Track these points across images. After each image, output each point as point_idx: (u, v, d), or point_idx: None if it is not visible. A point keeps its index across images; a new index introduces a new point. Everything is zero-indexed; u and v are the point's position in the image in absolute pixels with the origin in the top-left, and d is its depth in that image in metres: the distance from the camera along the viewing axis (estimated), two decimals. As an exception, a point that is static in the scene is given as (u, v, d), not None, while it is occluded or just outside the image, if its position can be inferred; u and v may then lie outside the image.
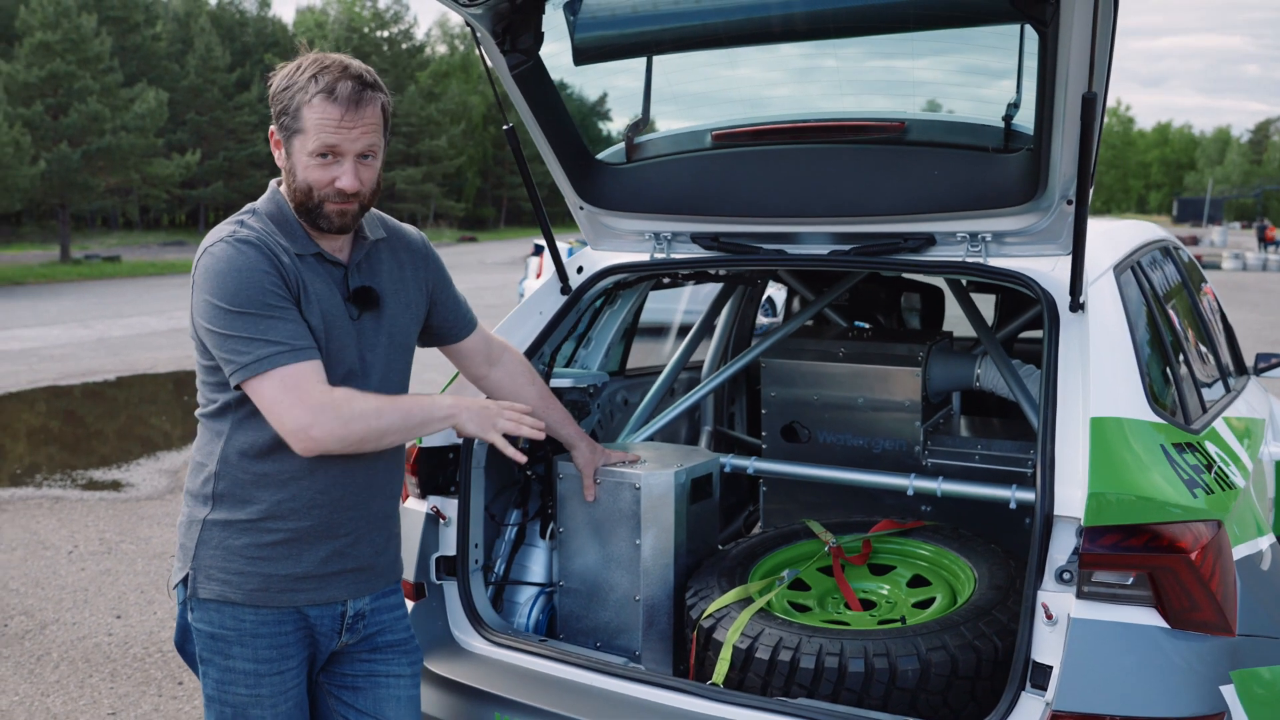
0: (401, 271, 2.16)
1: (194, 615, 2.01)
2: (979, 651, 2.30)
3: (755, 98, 2.90)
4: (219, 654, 1.99)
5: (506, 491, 3.05)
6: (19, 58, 35.23)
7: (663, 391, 3.58)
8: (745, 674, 2.39)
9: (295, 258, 1.97)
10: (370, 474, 2.05)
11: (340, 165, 1.94)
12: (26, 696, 4.01)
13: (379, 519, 2.10)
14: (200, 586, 1.99)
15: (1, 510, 6.59)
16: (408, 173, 55.93)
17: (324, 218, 1.97)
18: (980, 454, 3.25)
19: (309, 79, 1.92)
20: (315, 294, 1.97)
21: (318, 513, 1.99)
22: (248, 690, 1.99)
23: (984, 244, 2.56)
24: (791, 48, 2.74)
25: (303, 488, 1.97)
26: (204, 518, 2.00)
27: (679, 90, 2.98)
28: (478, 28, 2.61)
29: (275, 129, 1.99)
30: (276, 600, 1.99)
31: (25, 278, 28.55)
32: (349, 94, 1.91)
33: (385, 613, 2.17)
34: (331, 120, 1.90)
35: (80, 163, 34.21)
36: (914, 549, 2.84)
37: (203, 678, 2.04)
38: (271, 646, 2.00)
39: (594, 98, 3.15)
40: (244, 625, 1.98)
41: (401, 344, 2.13)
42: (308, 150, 1.93)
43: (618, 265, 3.01)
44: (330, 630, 2.07)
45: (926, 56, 2.60)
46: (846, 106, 2.76)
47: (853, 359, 3.36)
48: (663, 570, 2.75)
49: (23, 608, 4.93)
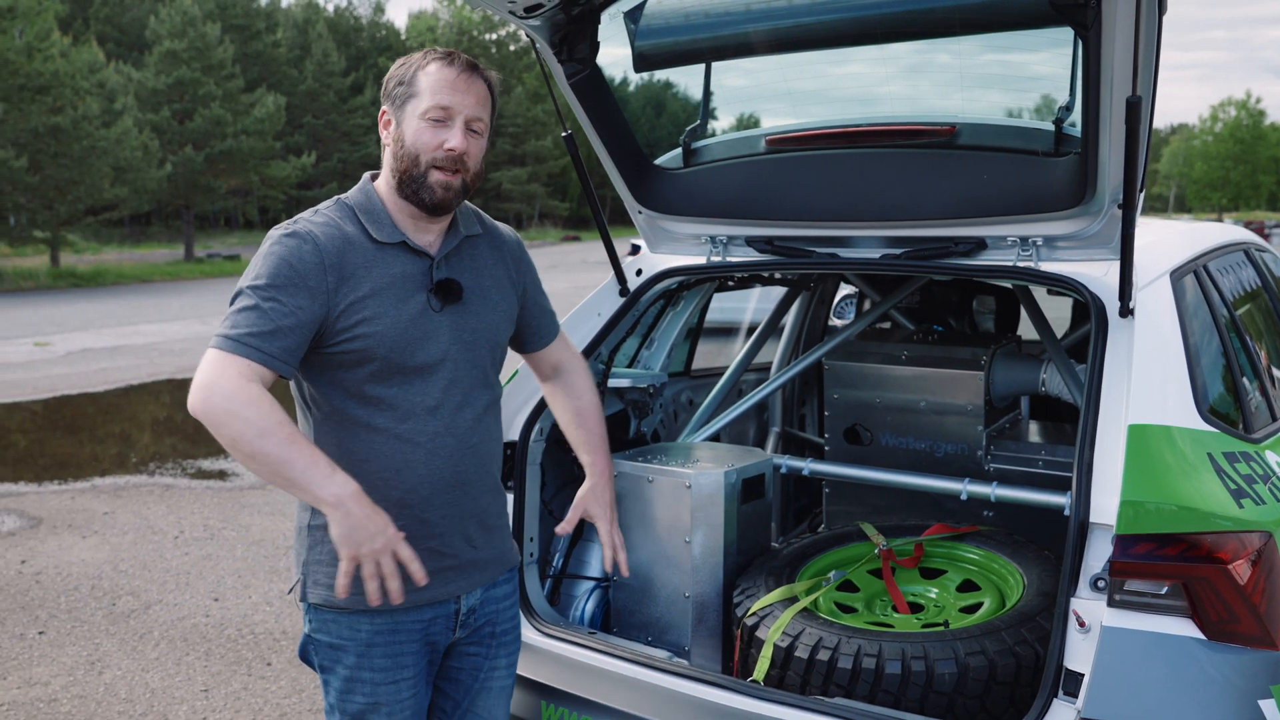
0: (495, 269, 2.14)
1: (311, 625, 2.02)
2: (1019, 657, 2.29)
3: (808, 102, 2.93)
4: (338, 663, 2.00)
5: (567, 488, 3.13)
6: (149, 66, 37.01)
7: (725, 391, 3.62)
8: (785, 672, 2.43)
9: (377, 244, 1.96)
10: (458, 470, 2.02)
11: (450, 127, 1.95)
12: (128, 671, 4.27)
13: (472, 513, 2.06)
14: (310, 591, 2.01)
15: (117, 496, 6.99)
16: (513, 173, 56.88)
17: (428, 189, 1.95)
18: (1044, 460, 3.20)
19: (425, 53, 2.01)
20: (378, 281, 1.93)
21: (408, 512, 1.96)
22: (365, 699, 1.99)
23: (1035, 248, 2.54)
24: (843, 53, 2.76)
25: (391, 488, 1.95)
26: (308, 523, 2.01)
27: (735, 95, 3.02)
28: (535, 38, 2.69)
29: (387, 106, 2.01)
30: (381, 605, 1.92)
31: (152, 275, 30.04)
32: (464, 61, 1.99)
33: (493, 604, 2.15)
34: (446, 80, 1.95)
35: (204, 165, 35.80)
36: (965, 553, 2.83)
37: (324, 686, 2.04)
38: (386, 656, 1.99)
39: (652, 103, 3.21)
40: (359, 635, 1.98)
41: (488, 340, 2.08)
42: (420, 111, 1.95)
43: (674, 268, 3.06)
44: (445, 629, 2.07)
45: (977, 60, 2.59)
46: (898, 110, 2.76)
47: (915, 362, 3.35)
48: (712, 568, 2.80)
49: (130, 588, 5.23)
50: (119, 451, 8.51)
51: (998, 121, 2.70)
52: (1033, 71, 2.59)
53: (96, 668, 4.30)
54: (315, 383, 1.97)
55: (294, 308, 1.85)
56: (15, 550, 5.83)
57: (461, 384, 2.02)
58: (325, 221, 1.96)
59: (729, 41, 2.87)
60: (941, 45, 2.62)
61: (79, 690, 4.10)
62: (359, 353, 1.92)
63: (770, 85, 2.95)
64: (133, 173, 31.18)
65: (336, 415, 1.96)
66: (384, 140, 2.02)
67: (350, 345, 1.91)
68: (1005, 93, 2.71)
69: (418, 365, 1.96)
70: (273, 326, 1.83)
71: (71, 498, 6.96)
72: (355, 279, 1.92)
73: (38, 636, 4.63)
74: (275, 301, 1.84)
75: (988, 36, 2.54)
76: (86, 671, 4.27)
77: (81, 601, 5.05)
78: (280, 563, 5.60)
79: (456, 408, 2.02)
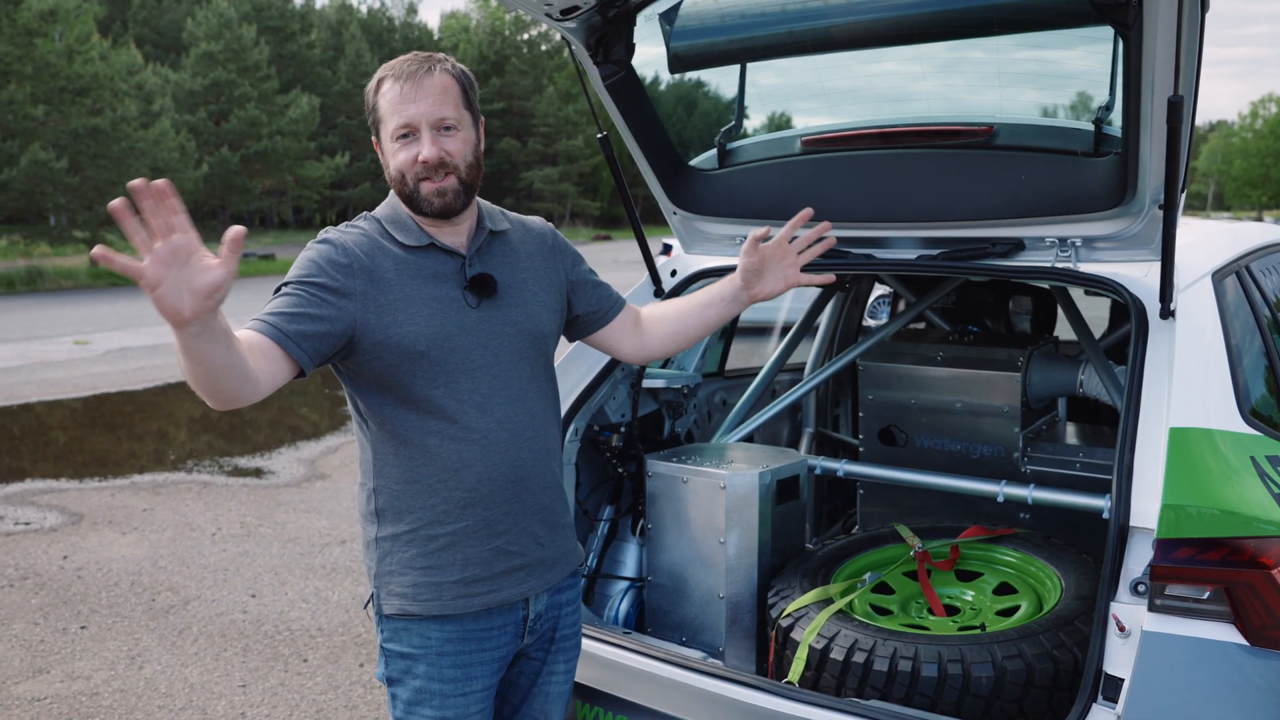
0: (530, 261, 2.12)
1: (384, 636, 2.03)
2: (1057, 661, 2.28)
3: (844, 102, 2.92)
4: (407, 673, 2.00)
5: (601, 488, 3.15)
6: (185, 67, 37.46)
7: (759, 392, 3.62)
8: (820, 674, 2.42)
9: (408, 249, 1.98)
10: (516, 465, 2.00)
11: (418, 140, 1.94)
12: (168, 666, 4.33)
13: (534, 510, 2.05)
14: (384, 603, 2.01)
15: (155, 493, 7.09)
16: (545, 172, 57.03)
17: (423, 200, 1.96)
18: (1082, 462, 3.18)
19: (379, 73, 2.00)
20: (411, 282, 1.95)
21: (471, 512, 1.97)
22: (433, 712, 1.99)
23: (1074, 249, 2.52)
24: (878, 53, 2.75)
25: (451, 489, 1.96)
26: (375, 536, 2.02)
27: (771, 96, 3.02)
28: (571, 40, 2.70)
29: (372, 133, 2.04)
30: (452, 608, 1.97)
31: (188, 275, 30.31)
32: (409, 69, 1.95)
33: (560, 608, 2.15)
34: (396, 97, 1.93)
35: (239, 166, 36.20)
36: (1002, 556, 2.81)
37: (391, 699, 2.04)
38: (456, 666, 1.99)
39: (687, 103, 3.21)
40: (430, 643, 1.98)
41: (531, 332, 2.06)
42: (389, 135, 1.96)
43: (710, 269, 3.06)
44: (514, 637, 2.06)
45: (1015, 60, 2.57)
46: (934, 110, 2.75)
47: (951, 363, 3.33)
48: (747, 569, 2.80)
49: (169, 584, 5.31)
50: (157, 449, 8.63)
51: (1036, 121, 2.69)
52: (1071, 71, 2.57)
53: (137, 662, 4.37)
54: (366, 396, 1.98)
55: (318, 300, 1.87)
56: (57, 546, 5.92)
57: (508, 379, 2.01)
58: (357, 231, 2.00)
59: (764, 42, 2.87)
60: (978, 45, 2.61)
61: (120, 684, 4.16)
62: (398, 353, 1.92)
63: (805, 85, 2.95)
64: (170, 173, 31.50)
65: (390, 425, 1.97)
66: (382, 165, 2.05)
67: (388, 348, 1.91)
68: (1043, 92, 2.69)
69: (460, 363, 1.95)
70: (294, 310, 1.84)
71: (111, 494, 7.07)
72: (386, 281, 1.93)
73: (80, 631, 4.71)
74: (301, 292, 1.87)
75: (1025, 36, 2.53)
76: (127, 666, 4.34)
77: (122, 597, 5.13)
78: (316, 560, 5.66)
79: (506, 402, 2.00)
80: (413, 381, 1.94)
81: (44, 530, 6.23)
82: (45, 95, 27.80)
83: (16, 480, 7.46)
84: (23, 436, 8.93)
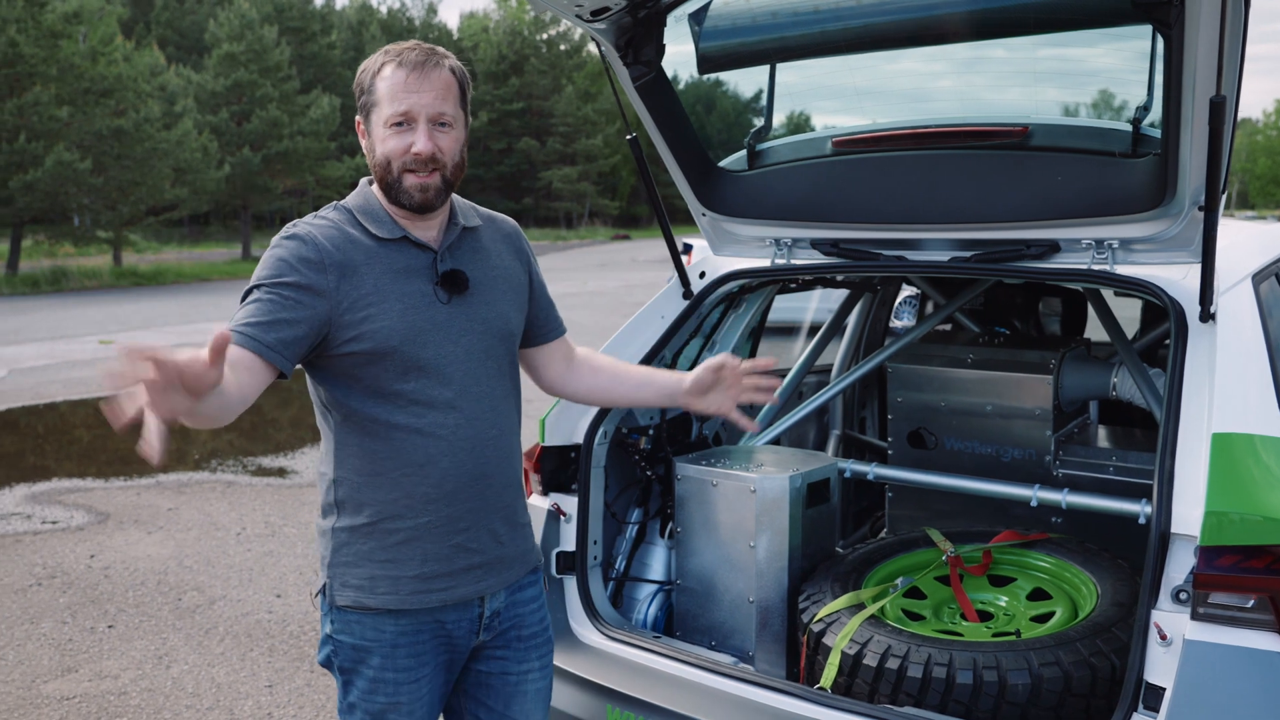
0: (500, 259, 2.12)
1: (334, 626, 2.02)
2: (1095, 669, 2.25)
3: (876, 103, 2.90)
4: (361, 664, 2.00)
5: (629, 490, 3.14)
6: (208, 68, 37.70)
7: (788, 394, 3.60)
8: (853, 680, 2.40)
9: (380, 241, 1.96)
10: (481, 463, 2.01)
11: (413, 130, 1.92)
12: (195, 666, 4.35)
13: (497, 508, 2.05)
14: (337, 594, 2.00)
15: (180, 493, 7.13)
16: (564, 172, 57.11)
17: (404, 192, 1.94)
18: (1115, 466, 3.14)
19: (379, 55, 1.97)
20: (381, 276, 1.93)
21: (434, 507, 1.97)
22: (387, 699, 2.00)
23: (1111, 251, 2.49)
24: (912, 53, 2.72)
25: (414, 484, 1.95)
26: (332, 526, 2.02)
27: (801, 96, 3.00)
28: (601, 41, 2.69)
29: (360, 117, 1.99)
30: (409, 603, 1.98)
31: (211, 275, 30.58)
32: (415, 58, 1.93)
33: (520, 606, 2.14)
34: (400, 84, 1.90)
35: (260, 166, 36.39)
36: (1035, 561, 2.78)
37: (344, 686, 2.04)
38: (410, 655, 2.00)
39: (717, 103, 3.20)
40: (384, 636, 1.99)
41: (499, 330, 2.06)
42: (383, 120, 1.93)
43: (739, 271, 3.05)
44: (469, 632, 2.06)
45: (1051, 59, 2.54)
46: (968, 111, 2.72)
47: (982, 365, 3.31)
48: (777, 573, 2.78)
49: (195, 584, 5.33)
50: (181, 448, 8.67)
51: (1072, 122, 2.65)
52: (1107, 71, 2.54)
53: (164, 662, 4.39)
54: (332, 387, 1.97)
55: (293, 302, 1.85)
56: (84, 545, 5.96)
57: (477, 376, 2.01)
58: (325, 223, 1.96)
59: (795, 43, 2.85)
60: (1012, 44, 2.58)
61: (147, 684, 4.18)
62: (369, 350, 1.91)
63: (836, 86, 2.93)
64: (192, 174, 31.77)
65: (355, 417, 1.96)
66: (364, 148, 2.00)
67: (359, 344, 1.90)
68: (1079, 92, 2.66)
69: (430, 358, 1.95)
70: (271, 318, 1.83)
71: (137, 494, 7.11)
72: (358, 275, 1.92)
73: (107, 630, 4.73)
74: (274, 295, 1.85)
75: (1060, 35, 2.50)
76: (154, 665, 4.35)
77: (148, 596, 5.15)
78: (340, 560, 5.66)
79: (474, 400, 2.00)
80: (381, 376, 1.93)
81: (71, 529, 6.27)
82: (70, 97, 28.03)
83: (43, 479, 7.51)
84: (49, 435, 9.00)
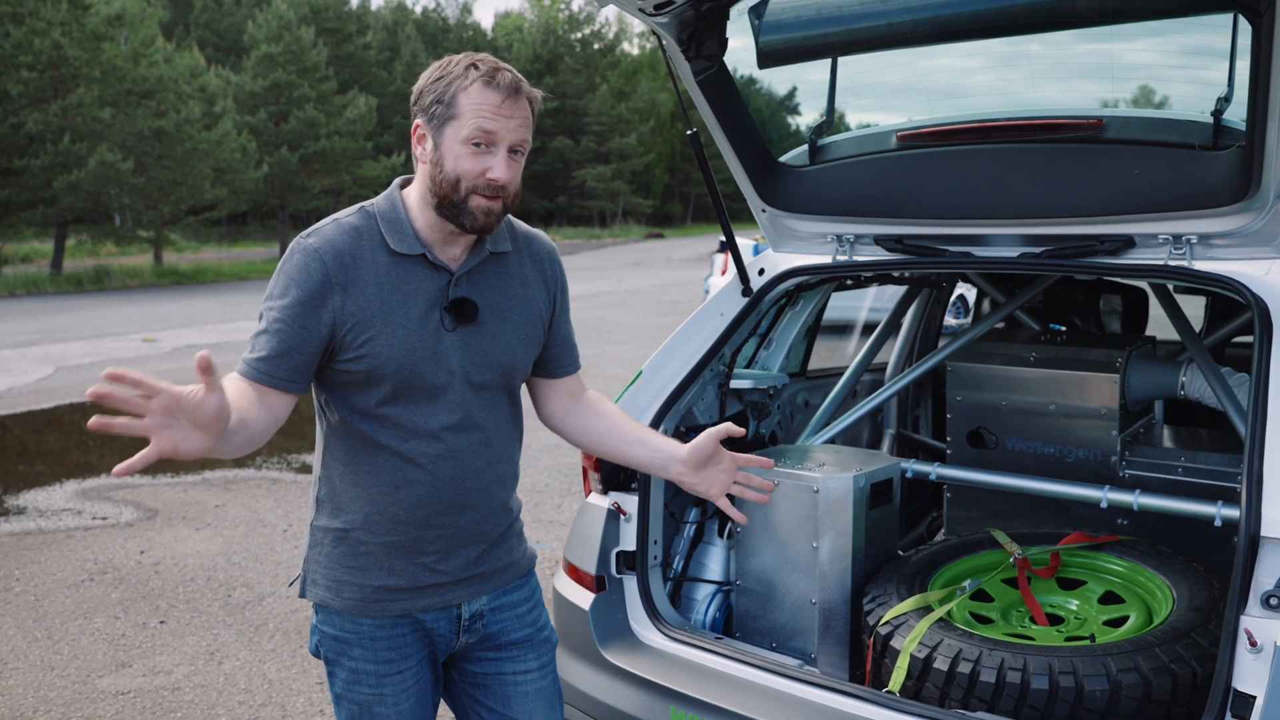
0: (524, 289, 2.05)
1: (318, 617, 2.04)
2: (1175, 676, 2.19)
3: (942, 96, 2.85)
4: (343, 655, 2.01)
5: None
6: (246, 69, 38.07)
7: (844, 393, 3.55)
8: (922, 684, 2.36)
9: (395, 256, 1.91)
10: (459, 495, 1.98)
11: (493, 155, 1.85)
12: (246, 662, 4.37)
13: (472, 536, 2.02)
14: (308, 589, 2.03)
15: (227, 490, 7.18)
16: (598, 170, 57.15)
17: (468, 214, 1.87)
18: (1184, 466, 3.07)
19: (465, 68, 1.87)
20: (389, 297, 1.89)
21: (402, 529, 1.95)
22: (371, 690, 2.00)
23: (1188, 246, 2.43)
24: (981, 44, 2.67)
25: (388, 503, 1.94)
26: (312, 521, 2.02)
27: (863, 90, 2.95)
28: (663, 35, 2.66)
29: (422, 121, 1.89)
30: (373, 610, 1.98)
31: (249, 273, 30.87)
32: (509, 82, 1.87)
33: (506, 611, 2.10)
34: (490, 105, 1.84)
35: (298, 166, 36.68)
36: (1106, 564, 2.72)
37: (330, 677, 2.05)
38: (390, 648, 2.00)
39: (777, 98, 3.16)
40: (362, 629, 1.99)
41: (501, 365, 1.99)
42: (461, 137, 1.85)
43: (799, 267, 3.01)
44: (448, 632, 2.05)
45: (1126, 49, 2.48)
46: (1039, 103, 2.66)
47: (1045, 364, 3.24)
48: (840, 574, 2.74)
49: (244, 580, 5.36)
50: (226, 445, 8.74)
51: (1149, 114, 2.59)
52: (1186, 61, 2.47)
53: (216, 658, 4.41)
54: (327, 390, 1.96)
55: (299, 327, 1.85)
56: (134, 541, 6.02)
57: (468, 408, 1.96)
58: (344, 231, 1.91)
59: (858, 36, 2.80)
60: (1085, 35, 2.52)
61: (200, 680, 4.20)
62: (365, 371, 1.88)
63: (900, 79, 2.88)
64: (231, 173, 32.07)
65: (344, 426, 1.96)
66: (418, 156, 1.92)
67: (356, 365, 1.88)
68: (1156, 83, 2.59)
69: (422, 387, 1.92)
70: (282, 349, 1.85)
71: (184, 490, 7.17)
72: (364, 296, 1.88)
73: (159, 626, 4.77)
74: (283, 323, 1.85)
75: (1138, 25, 2.43)
76: (207, 661, 4.38)
77: (198, 592, 5.19)
78: (386, 558, 5.67)
79: (461, 431, 1.95)
80: (372, 395, 1.91)
81: (120, 525, 6.34)
82: (112, 98, 28.38)
83: (92, 475, 7.60)
84: (94, 433, 9.09)
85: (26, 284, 25.20)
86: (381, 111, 45.43)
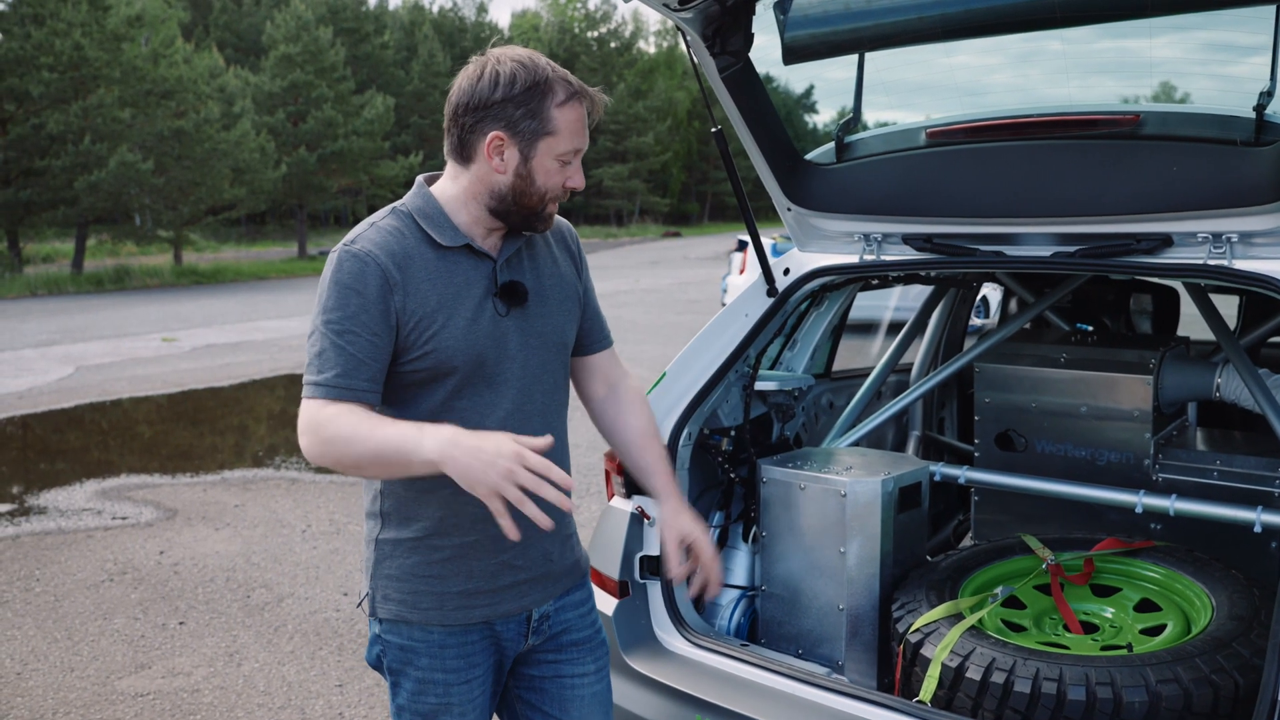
0: (556, 266, 2.06)
1: (382, 627, 2.01)
2: (1216, 687, 2.13)
3: (972, 92, 2.79)
4: (409, 664, 1.99)
5: (710, 493, 3.06)
6: (265, 70, 38.24)
7: (870, 395, 3.50)
8: (954, 693, 2.30)
9: (440, 250, 1.90)
10: None
11: (571, 165, 1.91)
12: (265, 664, 4.35)
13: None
14: (379, 606, 1.99)
15: (245, 489, 7.18)
16: (615, 169, 57.14)
17: (543, 220, 1.93)
18: (1219, 470, 3.00)
19: (552, 80, 1.85)
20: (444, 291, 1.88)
21: (481, 526, 1.92)
22: (438, 699, 1.98)
23: (1229, 245, 2.36)
24: (1008, 39, 2.61)
25: (463, 503, 1.89)
26: (377, 536, 1.99)
27: (891, 86, 2.90)
28: (687, 31, 2.61)
29: (505, 133, 1.84)
30: (451, 619, 1.96)
31: (268, 273, 31.00)
32: (591, 99, 1.91)
33: (569, 610, 2.11)
34: (583, 122, 1.89)
35: (316, 166, 36.83)
36: (1142, 571, 2.66)
37: (393, 688, 2.03)
38: (459, 657, 1.99)
39: (794, 97, 3.10)
40: (432, 637, 1.97)
41: (556, 343, 2.02)
42: (557, 152, 1.86)
43: (825, 267, 2.95)
44: (516, 636, 2.04)
45: (1162, 43, 2.41)
46: (1073, 99, 2.60)
47: (1076, 365, 3.18)
48: (868, 580, 2.69)
49: (263, 581, 5.34)
50: (245, 445, 8.75)
51: (1187, 109, 2.52)
52: (1227, 53, 2.41)
53: (235, 659, 4.39)
54: (388, 398, 1.91)
55: (369, 336, 1.82)
56: (154, 541, 6.01)
57: (531, 391, 1.97)
58: (386, 234, 1.88)
59: (886, 30, 2.74)
60: (1121, 29, 2.46)
61: (219, 681, 4.18)
62: (431, 367, 1.86)
63: (930, 74, 2.82)
64: (250, 173, 32.21)
65: None
66: (493, 165, 1.86)
67: (422, 363, 1.86)
68: (1195, 77, 2.53)
69: (486, 375, 1.91)
70: (355, 363, 1.81)
71: (203, 490, 7.17)
72: (421, 293, 1.86)
73: (178, 627, 4.75)
74: (351, 334, 1.81)
75: (1175, 18, 2.37)
76: (225, 663, 4.36)
77: (218, 593, 5.18)
78: (405, 559, 5.65)
79: (526, 416, 1.95)
80: (438, 392, 1.89)
81: (140, 525, 6.34)
82: (132, 99, 28.55)
83: (112, 475, 7.61)
84: (114, 432, 9.14)
85: (48, 283, 25.38)
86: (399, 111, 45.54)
